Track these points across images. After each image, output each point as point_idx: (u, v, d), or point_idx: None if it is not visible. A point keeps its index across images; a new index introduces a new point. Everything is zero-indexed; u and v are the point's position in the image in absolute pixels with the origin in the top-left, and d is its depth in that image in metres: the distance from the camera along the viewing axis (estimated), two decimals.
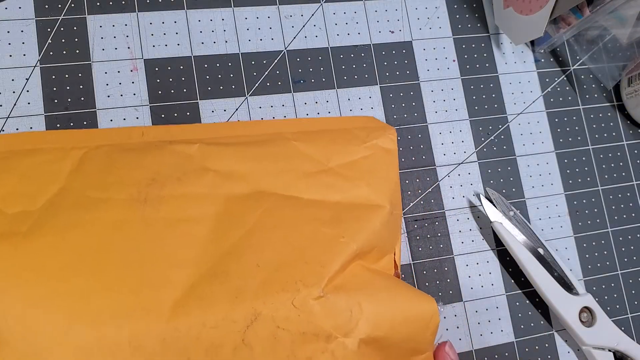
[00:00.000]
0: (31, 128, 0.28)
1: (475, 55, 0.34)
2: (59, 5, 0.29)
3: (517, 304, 0.31)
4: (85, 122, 0.29)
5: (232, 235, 0.26)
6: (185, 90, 0.30)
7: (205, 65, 0.30)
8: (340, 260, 0.26)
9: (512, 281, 0.32)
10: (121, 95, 0.29)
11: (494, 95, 0.34)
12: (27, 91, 0.28)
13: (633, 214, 0.34)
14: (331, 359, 0.24)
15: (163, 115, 0.30)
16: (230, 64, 0.31)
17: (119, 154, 0.27)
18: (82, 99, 0.29)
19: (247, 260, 0.25)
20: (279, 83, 0.31)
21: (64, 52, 0.29)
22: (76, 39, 0.29)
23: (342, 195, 0.28)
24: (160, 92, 0.30)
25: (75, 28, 0.29)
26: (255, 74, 0.31)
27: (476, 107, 0.33)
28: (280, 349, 0.24)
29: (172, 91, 0.30)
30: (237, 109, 0.30)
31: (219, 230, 0.26)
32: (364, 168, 0.29)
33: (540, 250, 0.31)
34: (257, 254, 0.25)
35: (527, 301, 0.32)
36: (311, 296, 0.24)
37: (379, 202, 0.28)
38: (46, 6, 0.29)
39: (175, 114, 0.30)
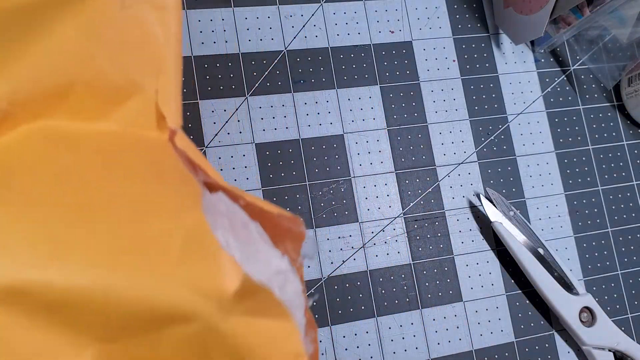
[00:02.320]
0: None
1: (475, 55, 0.34)
2: None
3: (517, 304, 0.31)
4: None
5: None
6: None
7: (205, 65, 0.30)
8: None
9: (512, 281, 0.32)
10: None
11: (494, 95, 0.34)
12: None
13: (633, 214, 0.34)
14: None
15: None
16: (230, 64, 0.31)
17: None
18: None
19: None
20: (279, 83, 0.31)
21: None
22: None
23: None
24: None
25: None
26: (255, 74, 0.31)
27: (476, 107, 0.33)
28: None
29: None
30: (237, 109, 0.30)
31: None
32: None
33: (540, 250, 0.31)
34: None
35: (527, 301, 0.32)
36: None
37: None
38: None
39: None
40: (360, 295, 0.30)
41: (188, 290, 0.13)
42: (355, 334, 0.30)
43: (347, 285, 0.30)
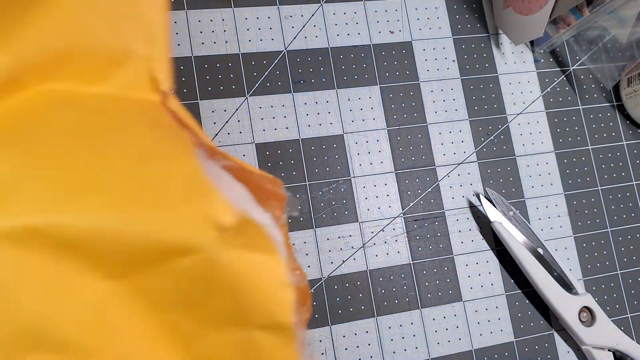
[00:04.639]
0: None
1: (475, 56, 0.34)
2: None
3: (517, 303, 0.31)
4: None
5: None
6: (185, 90, 0.30)
7: (206, 66, 0.30)
8: None
9: (512, 281, 0.32)
10: None
11: (493, 96, 0.34)
12: None
13: (633, 214, 0.34)
14: None
15: None
16: (230, 64, 0.31)
17: None
18: None
19: None
20: (279, 83, 0.31)
21: None
22: None
23: None
24: None
25: None
26: (255, 74, 0.31)
27: (476, 107, 0.33)
28: None
29: (172, 91, 0.30)
30: (237, 109, 0.30)
31: None
32: None
33: (540, 250, 0.31)
34: None
35: (527, 301, 0.32)
36: None
37: None
38: None
39: None
40: (360, 295, 0.30)
41: (191, 225, 0.14)
42: (355, 334, 0.30)
43: (347, 285, 0.30)
